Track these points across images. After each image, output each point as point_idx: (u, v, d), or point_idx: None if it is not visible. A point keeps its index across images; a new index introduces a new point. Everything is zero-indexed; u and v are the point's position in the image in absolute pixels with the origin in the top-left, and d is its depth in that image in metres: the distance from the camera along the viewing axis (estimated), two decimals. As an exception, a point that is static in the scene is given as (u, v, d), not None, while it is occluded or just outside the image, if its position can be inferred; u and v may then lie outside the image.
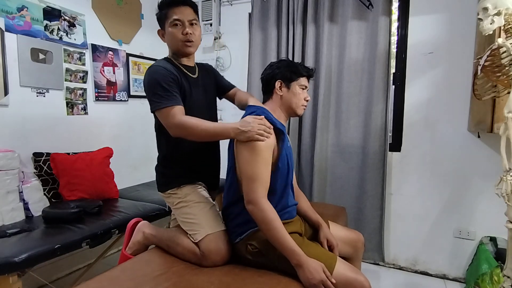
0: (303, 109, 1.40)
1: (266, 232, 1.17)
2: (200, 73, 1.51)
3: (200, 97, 1.47)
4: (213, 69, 1.66)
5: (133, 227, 1.57)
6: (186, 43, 1.39)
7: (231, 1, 2.84)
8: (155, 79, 1.31)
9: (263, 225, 1.17)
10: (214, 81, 1.60)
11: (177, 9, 1.38)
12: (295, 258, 1.14)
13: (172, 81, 1.32)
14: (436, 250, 2.27)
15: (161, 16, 1.42)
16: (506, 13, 1.28)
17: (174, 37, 1.39)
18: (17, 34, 1.88)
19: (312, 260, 1.15)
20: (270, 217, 1.16)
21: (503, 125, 1.34)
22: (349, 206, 2.31)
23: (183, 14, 1.38)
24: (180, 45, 1.40)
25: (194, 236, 1.32)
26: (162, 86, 1.29)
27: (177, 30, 1.38)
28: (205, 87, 1.51)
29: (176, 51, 1.43)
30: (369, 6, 2.25)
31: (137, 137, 2.71)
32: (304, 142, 2.48)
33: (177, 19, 1.37)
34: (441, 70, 2.18)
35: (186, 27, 1.38)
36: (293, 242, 1.16)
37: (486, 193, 2.08)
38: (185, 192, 1.41)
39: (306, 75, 1.39)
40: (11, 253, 1.37)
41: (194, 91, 1.43)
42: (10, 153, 1.75)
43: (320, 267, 1.13)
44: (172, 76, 1.33)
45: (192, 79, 1.45)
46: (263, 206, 1.17)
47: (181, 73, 1.40)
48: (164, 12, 1.41)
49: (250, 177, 1.19)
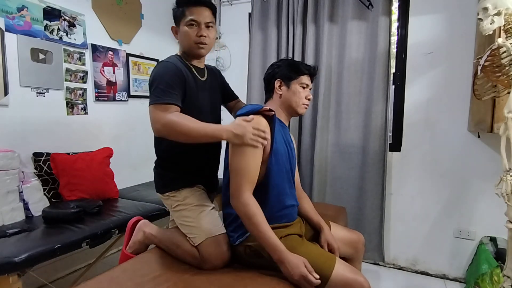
0: (304, 108, 1.37)
1: (248, 227, 1.17)
2: (209, 76, 1.48)
3: (206, 100, 1.44)
4: (221, 74, 1.63)
5: (134, 225, 1.57)
6: (199, 45, 1.35)
7: (231, 1, 2.84)
8: (161, 74, 1.28)
9: (245, 219, 1.16)
10: (221, 87, 1.58)
11: (195, 9, 1.34)
12: (277, 254, 1.14)
13: (177, 80, 1.29)
14: (436, 250, 2.27)
15: (178, 13, 1.37)
16: (506, 13, 1.28)
17: (187, 37, 1.35)
18: (17, 34, 1.88)
19: (294, 255, 1.14)
20: (251, 212, 1.15)
21: (503, 125, 1.34)
22: (349, 206, 2.31)
23: (201, 15, 1.34)
24: (193, 47, 1.36)
25: (194, 240, 1.31)
26: (166, 82, 1.26)
27: (192, 30, 1.34)
28: (211, 91, 1.48)
29: (187, 51, 1.40)
30: (369, 6, 2.25)
31: (137, 137, 2.70)
32: (304, 142, 2.48)
33: (194, 20, 1.33)
34: (441, 70, 2.18)
35: (201, 29, 1.34)
36: (275, 237, 1.15)
37: (486, 193, 2.08)
38: (184, 195, 1.39)
39: (307, 73, 1.37)
40: (11, 253, 1.36)
41: (200, 94, 1.40)
42: (10, 153, 1.75)
43: (301, 262, 1.12)
44: (179, 75, 1.30)
45: (200, 81, 1.42)
46: (246, 200, 1.15)
47: (190, 73, 1.37)
48: (181, 10, 1.35)
49: (235, 170, 1.19)
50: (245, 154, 1.18)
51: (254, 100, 2.58)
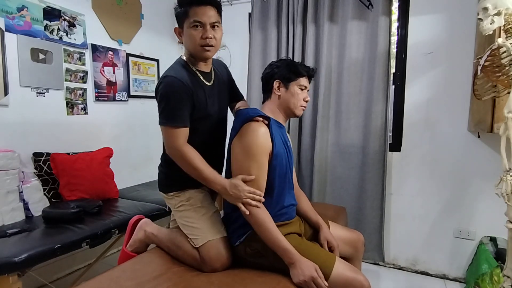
0: (302, 109, 1.37)
1: (260, 233, 1.18)
2: (216, 79, 1.42)
3: (215, 107, 1.39)
4: (228, 71, 1.55)
5: (135, 224, 1.57)
6: (205, 47, 1.26)
7: (231, 1, 2.84)
8: (167, 94, 1.24)
9: (256, 226, 1.18)
10: (228, 86, 1.51)
11: (199, 9, 1.23)
12: (288, 257, 1.15)
13: (185, 97, 1.24)
14: (436, 250, 2.27)
15: (180, 14, 1.28)
16: (506, 13, 1.28)
17: (192, 40, 1.26)
18: (17, 34, 1.88)
19: (307, 259, 1.15)
20: (262, 218, 1.17)
21: (503, 125, 1.34)
22: (349, 206, 2.31)
23: (205, 15, 1.24)
24: (198, 50, 1.28)
25: (195, 241, 1.30)
26: (173, 103, 1.23)
27: (197, 32, 1.25)
28: (219, 95, 1.42)
29: (193, 54, 1.31)
30: (369, 6, 2.25)
31: (137, 137, 2.70)
32: (304, 142, 2.48)
33: (198, 21, 1.24)
34: (441, 70, 2.18)
35: (207, 30, 1.24)
36: (286, 241, 1.16)
37: (486, 193, 2.08)
38: (188, 196, 1.38)
39: (306, 75, 1.36)
40: (11, 253, 1.37)
41: (209, 102, 1.35)
42: (10, 153, 1.75)
43: (313, 266, 1.14)
44: (186, 91, 1.25)
45: (207, 87, 1.36)
46: (257, 210, 1.17)
47: (196, 83, 1.31)
48: (184, 10, 1.26)
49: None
50: (252, 167, 1.20)
51: (254, 100, 2.58)
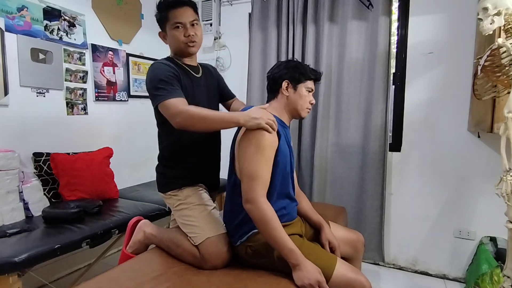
0: (307, 111, 1.39)
1: (264, 232, 1.17)
2: (204, 73, 1.51)
3: (203, 96, 1.46)
4: (218, 72, 1.66)
5: (134, 225, 1.57)
6: (189, 43, 1.39)
7: (231, 1, 2.84)
8: (156, 75, 1.31)
9: (261, 224, 1.16)
10: (217, 84, 1.60)
11: (177, 11, 1.37)
12: (293, 258, 1.14)
13: (173, 76, 1.32)
14: (436, 250, 2.27)
15: (161, 18, 1.42)
16: (506, 13, 1.28)
17: (176, 40, 1.39)
18: (17, 34, 1.88)
19: (311, 262, 1.15)
20: (268, 217, 1.15)
21: (503, 125, 1.34)
22: (349, 206, 2.31)
23: (184, 16, 1.37)
24: (183, 47, 1.40)
25: (194, 239, 1.31)
26: (163, 80, 1.29)
27: (179, 32, 1.38)
28: (208, 87, 1.51)
29: (179, 52, 1.44)
30: (369, 6, 2.25)
31: (137, 137, 2.70)
32: (304, 142, 2.48)
33: (178, 22, 1.37)
34: (441, 70, 2.18)
35: (188, 29, 1.38)
36: (291, 242, 1.15)
37: (486, 193, 2.08)
38: (186, 194, 1.40)
39: (314, 78, 1.39)
40: (11, 253, 1.36)
41: (196, 90, 1.43)
42: (10, 153, 1.75)
43: (317, 269, 1.13)
44: (173, 72, 1.34)
45: (195, 78, 1.45)
46: (262, 205, 1.15)
47: (183, 72, 1.40)
48: (163, 15, 1.40)
49: (250, 175, 1.18)
50: (260, 161, 1.19)
51: (254, 100, 2.58)
